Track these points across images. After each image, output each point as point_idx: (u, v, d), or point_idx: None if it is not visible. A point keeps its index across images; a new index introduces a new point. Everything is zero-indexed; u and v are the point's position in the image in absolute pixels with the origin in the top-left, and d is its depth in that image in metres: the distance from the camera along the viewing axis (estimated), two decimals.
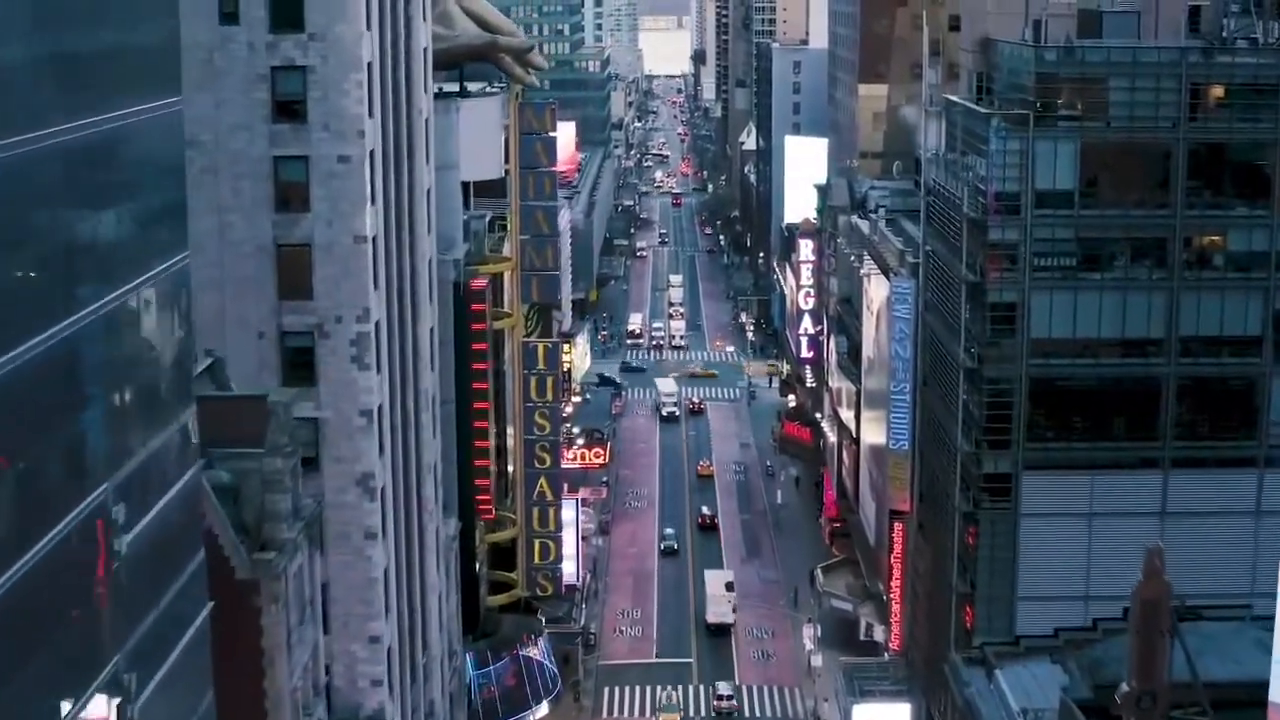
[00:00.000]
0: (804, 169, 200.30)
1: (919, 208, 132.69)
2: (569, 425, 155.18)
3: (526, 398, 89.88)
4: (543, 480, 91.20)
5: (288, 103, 59.08)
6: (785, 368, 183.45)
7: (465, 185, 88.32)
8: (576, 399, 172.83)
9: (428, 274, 73.97)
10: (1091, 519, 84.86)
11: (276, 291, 60.27)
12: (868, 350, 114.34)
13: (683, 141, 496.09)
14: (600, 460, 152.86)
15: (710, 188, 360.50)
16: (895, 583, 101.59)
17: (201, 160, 59.12)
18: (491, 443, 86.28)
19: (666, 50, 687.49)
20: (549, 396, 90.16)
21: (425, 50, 72.70)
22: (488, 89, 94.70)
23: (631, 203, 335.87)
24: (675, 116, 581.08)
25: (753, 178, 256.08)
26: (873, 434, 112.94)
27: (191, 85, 57.40)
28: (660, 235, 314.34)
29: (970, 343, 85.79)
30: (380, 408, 62.77)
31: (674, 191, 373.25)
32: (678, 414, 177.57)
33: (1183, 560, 70.12)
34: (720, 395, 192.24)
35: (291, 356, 60.73)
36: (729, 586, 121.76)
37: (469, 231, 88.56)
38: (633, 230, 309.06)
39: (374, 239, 61.19)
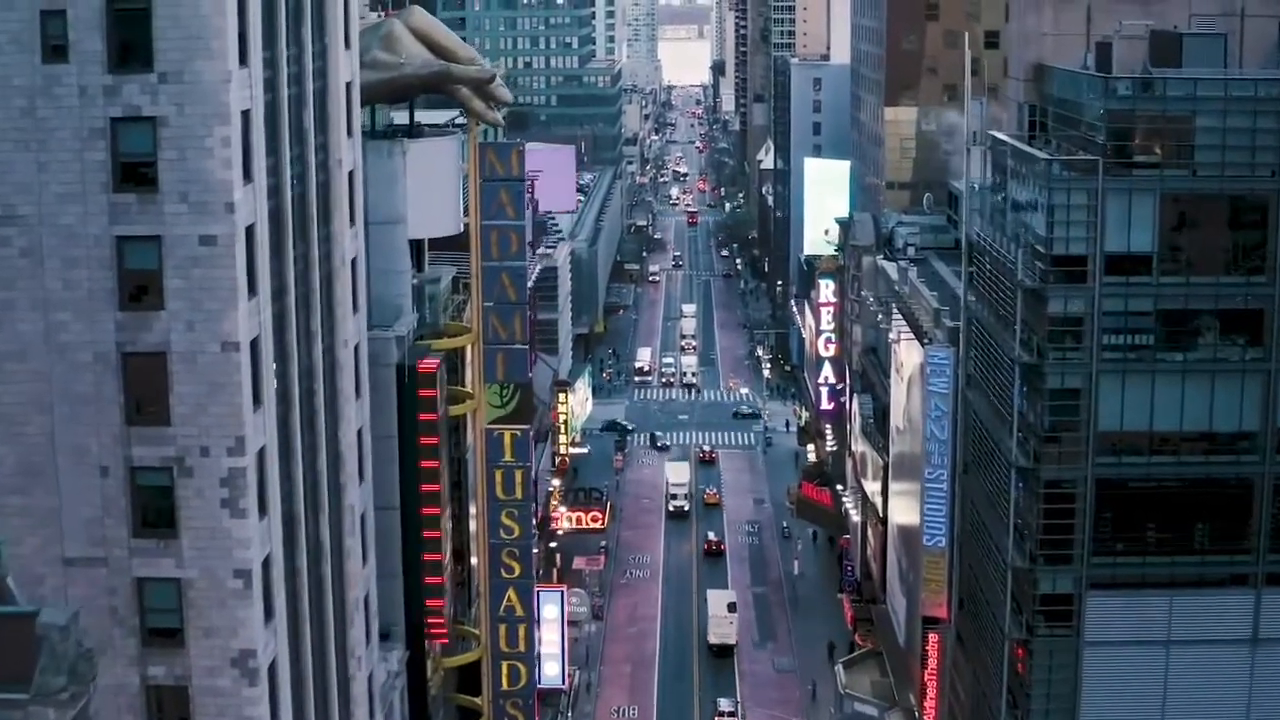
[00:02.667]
0: (824, 194, 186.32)
1: (952, 244, 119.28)
2: (560, 485, 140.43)
3: (492, 495, 75.07)
4: (511, 592, 76.30)
5: (133, 165, 44.51)
6: (804, 413, 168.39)
7: (417, 243, 73.72)
8: (576, 449, 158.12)
9: (353, 363, 59.35)
10: (1169, 647, 71.03)
11: (123, 414, 45.64)
12: (897, 417, 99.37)
13: (700, 153, 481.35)
14: (598, 523, 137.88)
15: (728, 206, 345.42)
16: (929, 703, 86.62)
17: (21, 240, 44.80)
18: (447, 551, 71.53)
19: (686, 60, 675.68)
20: (518, 494, 75.25)
21: (349, 86, 58.06)
22: (455, 122, 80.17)
23: (645, 222, 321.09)
24: (693, 126, 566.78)
25: (770, 199, 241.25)
26: (902, 513, 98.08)
27: (5, 142, 43.32)
28: (674, 258, 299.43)
29: (1024, 435, 71.02)
30: (268, 559, 48.07)
31: (690, 209, 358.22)
32: (687, 509, 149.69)
33: None
34: (733, 441, 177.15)
35: (144, 499, 46.15)
36: (731, 607, 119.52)
37: (422, 297, 73.82)
38: (645, 253, 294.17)
39: (254, 342, 46.48)
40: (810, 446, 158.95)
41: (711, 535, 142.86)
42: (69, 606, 36.59)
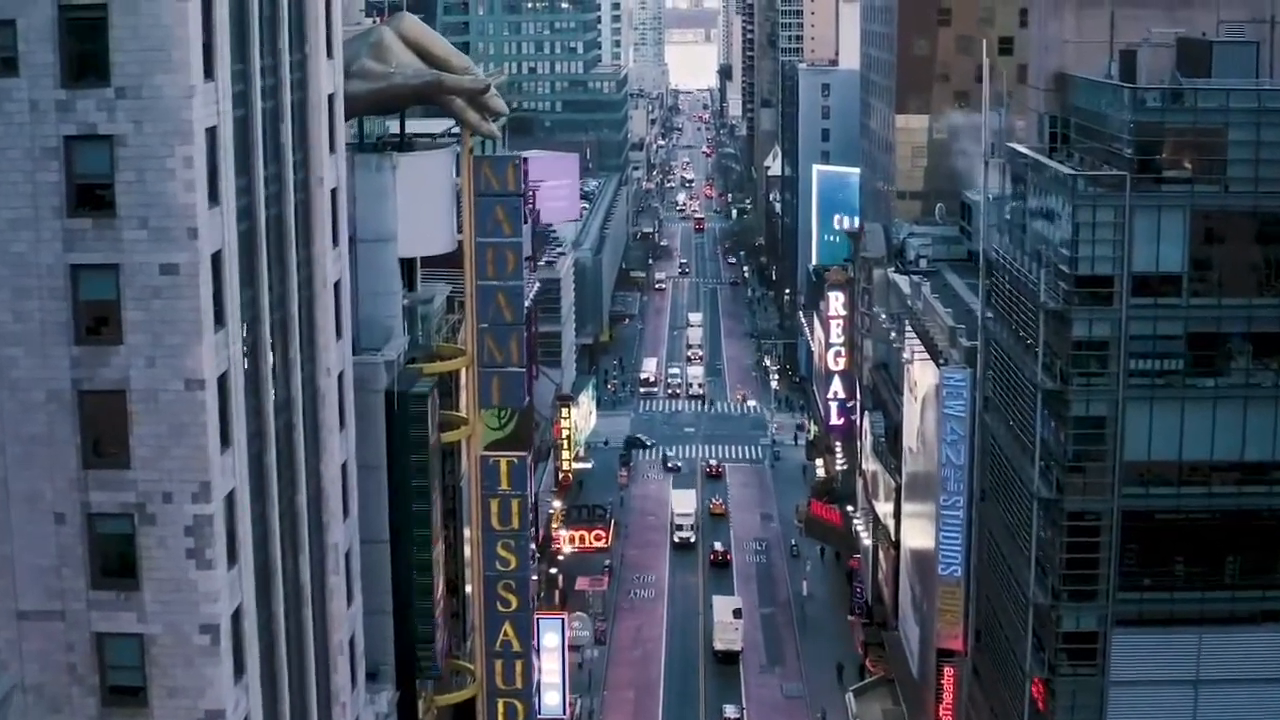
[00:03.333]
0: (833, 201, 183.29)
1: (964, 256, 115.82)
2: (563, 506, 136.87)
3: (487, 525, 71.48)
4: (508, 625, 72.61)
5: (89, 187, 40.91)
6: (813, 427, 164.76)
7: (409, 261, 70.23)
8: (580, 464, 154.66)
9: (336, 392, 55.83)
10: (1199, 687, 67.66)
11: (79, 457, 42.06)
12: (910, 438, 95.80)
13: (707, 157, 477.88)
14: (601, 542, 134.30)
15: (735, 213, 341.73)
16: None
17: None
18: (440, 585, 68.04)
19: (693, 64, 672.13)
20: (514, 523, 71.61)
21: (331, 98, 54.53)
22: (449, 133, 76.73)
23: (651, 229, 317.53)
24: (700, 130, 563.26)
25: (778, 206, 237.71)
26: (915, 537, 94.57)
27: None
28: (680, 265, 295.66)
29: (1047, 464, 67.45)
30: (238, 611, 44.54)
31: (696, 216, 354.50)
32: (693, 541, 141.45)
33: None
34: (740, 455, 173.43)
35: (103, 548, 42.59)
36: (737, 613, 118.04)
37: (414, 317, 70.27)
38: (651, 260, 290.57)
39: (222, 377, 42.97)
40: (819, 461, 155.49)
41: (718, 545, 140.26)
42: (7, 678, 33.03)
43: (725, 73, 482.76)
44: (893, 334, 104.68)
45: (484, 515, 72.04)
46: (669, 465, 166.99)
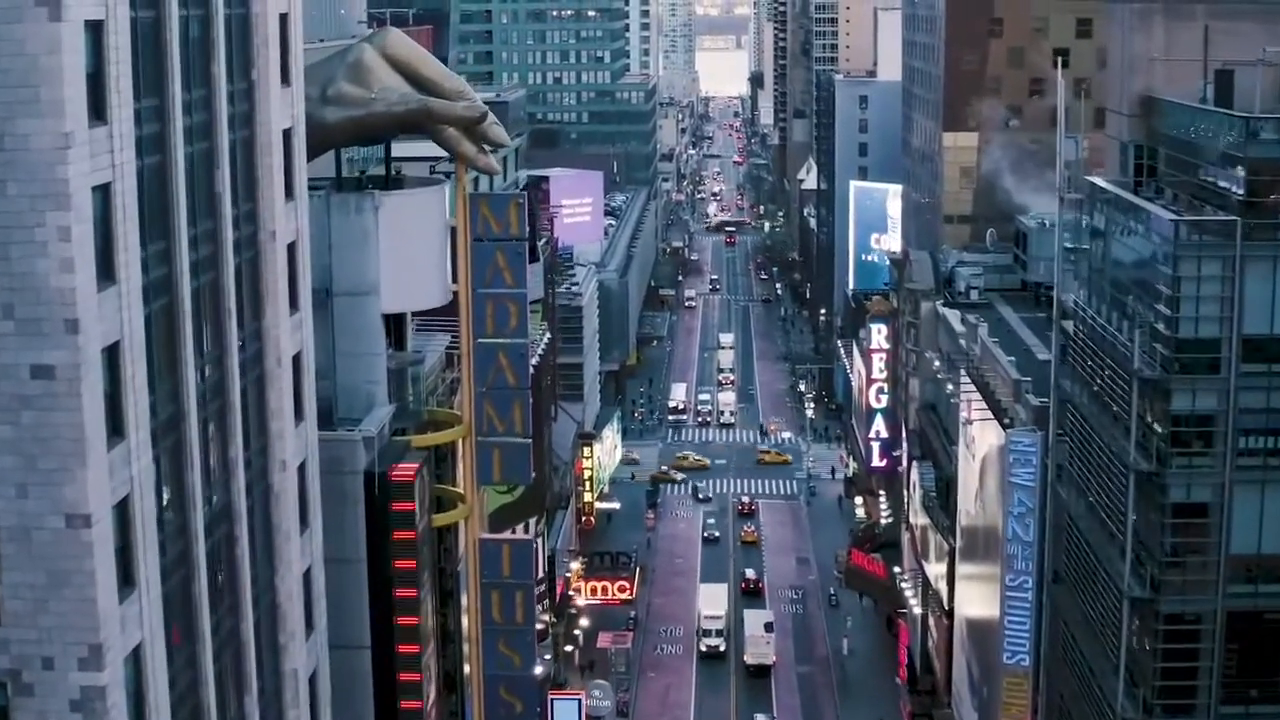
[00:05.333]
0: (871, 219, 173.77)
1: (1018, 286, 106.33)
2: (583, 561, 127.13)
3: (487, 620, 61.94)
4: None
5: None
6: (852, 462, 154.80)
7: (398, 317, 60.79)
8: (603, 504, 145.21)
9: (295, 487, 46.39)
10: None
11: None
12: (967, 500, 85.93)
13: (737, 167, 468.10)
14: (626, 594, 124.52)
15: (767, 226, 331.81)
16: None
17: None
18: (431, 695, 58.53)
19: (724, 71, 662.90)
20: (519, 618, 62.03)
21: (289, 134, 45.10)
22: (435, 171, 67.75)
23: (681, 243, 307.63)
24: (730, 137, 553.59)
25: (813, 222, 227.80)
26: (973, 605, 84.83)
27: None
28: (711, 281, 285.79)
29: (1139, 556, 57.58)
30: None
31: (728, 229, 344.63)
32: (723, 649, 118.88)
33: None
34: (774, 490, 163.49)
35: None
36: (768, 627, 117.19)
37: (402, 380, 60.69)
38: (681, 277, 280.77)
39: (120, 505, 33.48)
40: (859, 500, 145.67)
41: (750, 573, 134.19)
42: None
43: (756, 80, 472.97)
44: (944, 377, 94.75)
45: (484, 608, 62.50)
46: (699, 496, 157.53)
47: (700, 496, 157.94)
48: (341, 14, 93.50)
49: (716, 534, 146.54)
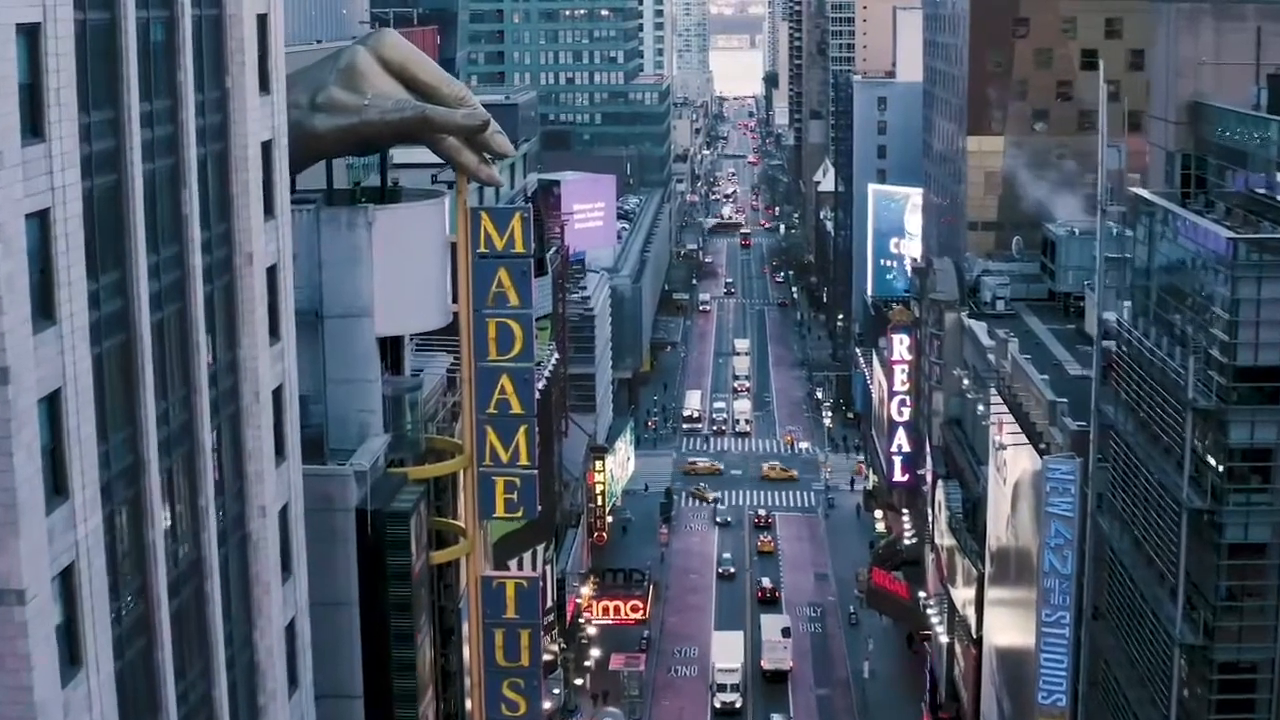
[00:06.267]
0: (890, 224, 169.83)
1: (1045, 295, 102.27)
2: (594, 573, 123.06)
3: (490, 662, 58.04)
4: None
5: None
6: (871, 474, 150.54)
7: (394, 340, 56.77)
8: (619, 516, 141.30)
9: (277, 533, 42.42)
10: None
11: None
12: (998, 525, 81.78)
13: (753, 166, 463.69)
14: (639, 614, 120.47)
15: (782, 228, 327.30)
16: None
17: None
18: None
19: (738, 70, 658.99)
20: (523, 659, 58.13)
21: (268, 146, 41.09)
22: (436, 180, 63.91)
23: (695, 246, 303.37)
24: (745, 137, 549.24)
25: (829, 225, 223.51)
26: (1003, 632, 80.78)
27: None
28: (726, 285, 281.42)
29: (1192, 600, 53.38)
30: None
31: (743, 231, 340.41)
32: (739, 706, 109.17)
33: None
34: (791, 503, 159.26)
35: None
36: (785, 632, 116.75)
37: (399, 408, 56.65)
38: (695, 280, 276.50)
39: (64, 574, 29.48)
40: (879, 513, 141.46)
41: (766, 582, 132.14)
42: None
43: (771, 80, 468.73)
44: (973, 397, 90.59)
45: (487, 649, 58.58)
46: (717, 520, 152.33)
47: (719, 520, 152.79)
48: (343, 14, 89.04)
49: (732, 569, 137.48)
